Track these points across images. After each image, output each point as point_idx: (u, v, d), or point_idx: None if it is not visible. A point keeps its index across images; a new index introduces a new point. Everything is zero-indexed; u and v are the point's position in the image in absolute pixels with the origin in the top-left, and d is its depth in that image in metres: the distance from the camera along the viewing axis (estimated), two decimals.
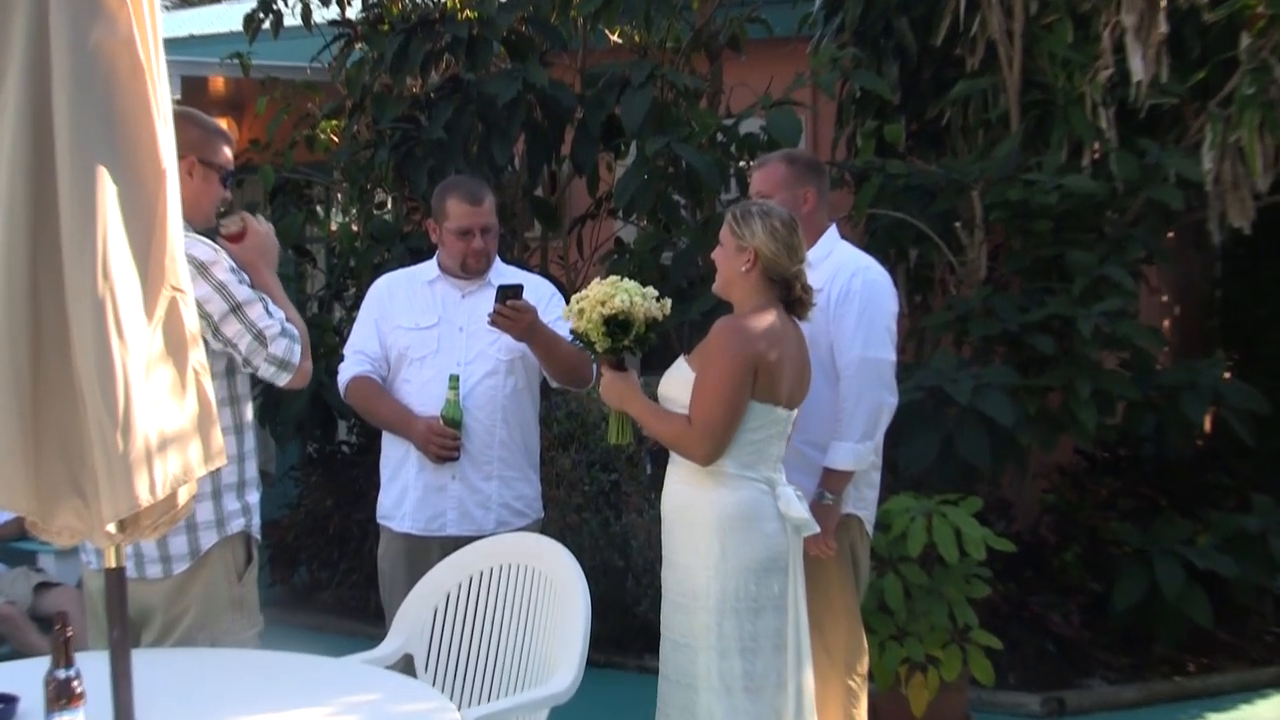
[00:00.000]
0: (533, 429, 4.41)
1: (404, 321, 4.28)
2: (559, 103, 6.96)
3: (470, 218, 4.27)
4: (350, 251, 7.31)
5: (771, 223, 3.53)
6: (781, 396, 3.51)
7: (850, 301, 3.97)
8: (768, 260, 3.52)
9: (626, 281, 3.58)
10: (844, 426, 3.94)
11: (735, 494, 3.48)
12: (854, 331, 3.95)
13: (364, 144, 7.31)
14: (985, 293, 6.22)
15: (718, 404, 3.42)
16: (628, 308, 3.50)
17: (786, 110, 6.41)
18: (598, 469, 6.47)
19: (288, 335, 3.45)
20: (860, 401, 3.93)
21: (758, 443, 3.49)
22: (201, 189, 3.48)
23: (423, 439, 4.14)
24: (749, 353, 3.43)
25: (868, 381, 3.95)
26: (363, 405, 4.33)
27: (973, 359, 6.22)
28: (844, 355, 3.95)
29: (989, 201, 6.24)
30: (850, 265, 4.07)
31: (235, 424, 3.48)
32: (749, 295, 3.56)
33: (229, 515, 3.43)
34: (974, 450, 5.62)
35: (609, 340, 3.55)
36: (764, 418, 3.49)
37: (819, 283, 4.00)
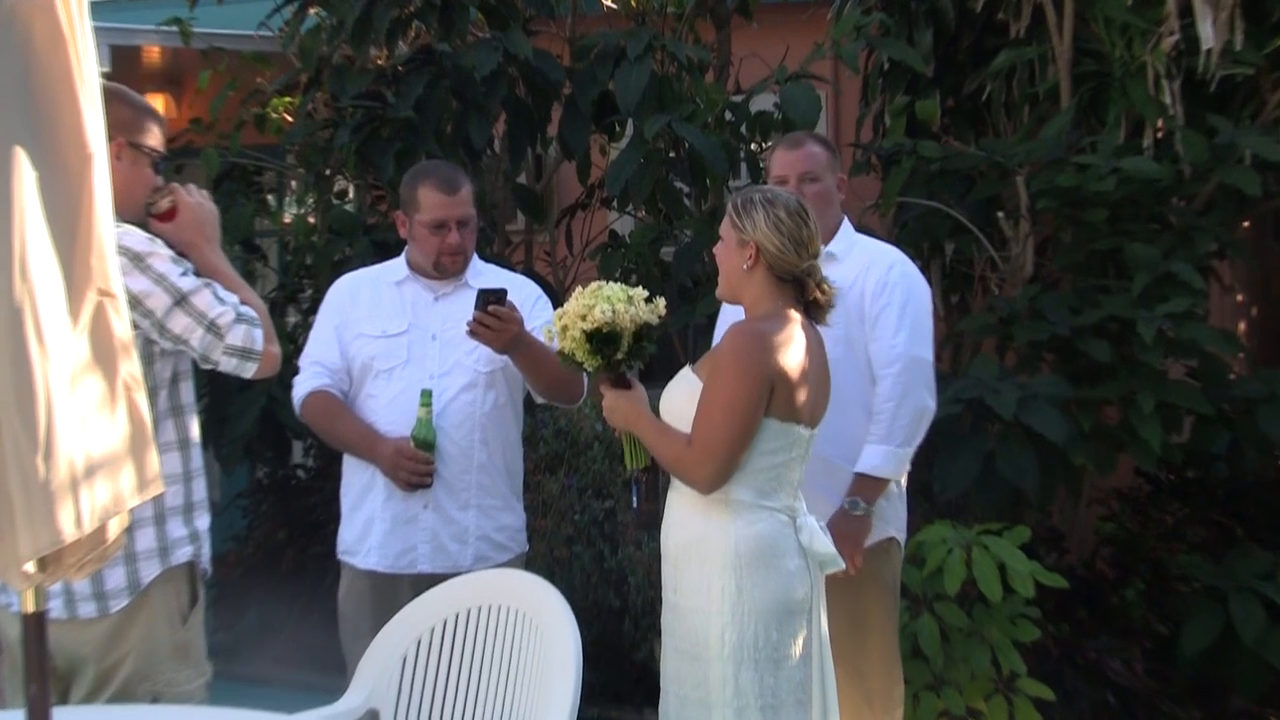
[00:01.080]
0: (516, 450, 4.40)
1: (368, 328, 4.28)
2: (545, 77, 6.96)
3: (445, 209, 4.27)
4: (307, 247, 7.31)
5: (775, 212, 3.51)
6: (803, 414, 3.49)
7: (890, 294, 4.14)
8: (772, 257, 3.50)
9: (608, 287, 3.56)
10: (883, 428, 4.08)
11: (753, 526, 3.45)
12: (897, 327, 4.12)
13: (321, 124, 7.31)
14: (1032, 292, 6.21)
15: (724, 422, 3.40)
16: (611, 319, 3.48)
17: (804, 85, 6.41)
18: (590, 495, 6.46)
19: (245, 320, 3.45)
20: (904, 403, 4.09)
21: (777, 467, 3.47)
22: (131, 176, 3.47)
23: (391, 463, 4.13)
24: (767, 365, 3.40)
25: (912, 382, 4.10)
26: (321, 424, 4.33)
27: (1018, 368, 6.20)
28: (885, 353, 4.12)
29: (1036, 188, 6.23)
30: (885, 256, 4.24)
31: (180, 438, 3.47)
32: (760, 297, 3.55)
33: (174, 543, 3.41)
34: (1020, 472, 5.60)
35: (598, 358, 3.54)
36: (783, 438, 3.46)
37: (848, 277, 4.06)
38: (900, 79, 7.18)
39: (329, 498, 5.32)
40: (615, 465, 6.57)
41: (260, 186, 8.11)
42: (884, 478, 4.09)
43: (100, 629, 3.34)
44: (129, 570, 3.36)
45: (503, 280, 4.36)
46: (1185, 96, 6.36)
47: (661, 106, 6.57)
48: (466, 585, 3.83)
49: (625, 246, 6.95)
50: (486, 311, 4.01)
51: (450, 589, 3.81)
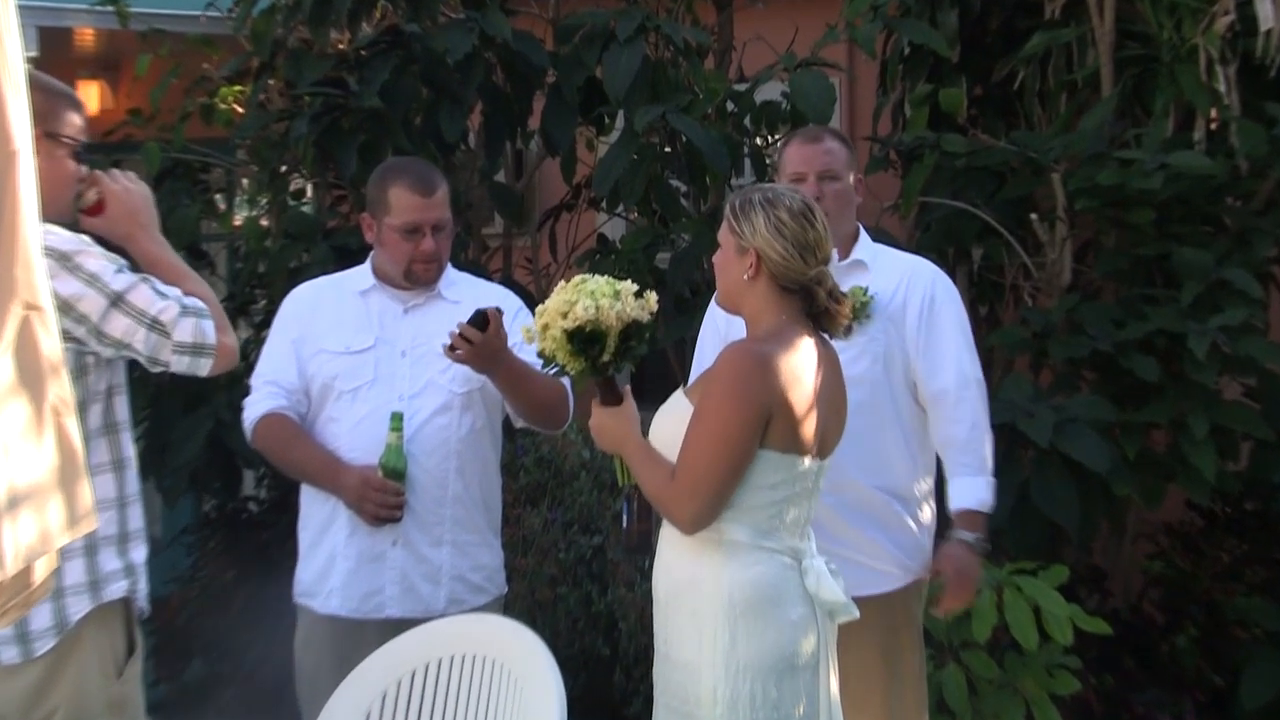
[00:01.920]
0: (494, 480, 4.41)
1: (330, 343, 4.29)
2: (526, 62, 6.96)
3: (419, 212, 4.29)
4: (259, 253, 7.30)
5: (776, 214, 3.48)
6: (807, 444, 3.45)
7: (941, 311, 4.22)
8: (774, 265, 3.47)
9: (592, 281, 3.53)
10: (976, 458, 4.18)
11: (749, 570, 3.42)
12: (956, 347, 4.20)
13: (276, 115, 7.30)
14: (1070, 302, 6.22)
15: (711, 454, 3.37)
16: (595, 316, 3.45)
17: (815, 73, 6.41)
18: (576, 530, 6.46)
19: (192, 313, 3.45)
20: (976, 428, 4.19)
21: (777, 503, 3.44)
22: (50, 170, 3.44)
23: (356, 495, 4.13)
24: (765, 391, 3.36)
25: (983, 405, 4.22)
26: (276, 451, 4.33)
27: (1054, 388, 6.21)
28: (944, 376, 4.18)
29: (1074, 186, 6.24)
30: (924, 267, 4.33)
31: (115, 458, 3.47)
32: (763, 310, 3.53)
33: (106, 577, 3.40)
34: (1057, 505, 5.61)
35: (581, 360, 3.51)
36: (784, 471, 3.43)
37: (885, 288, 4.10)
38: (922, 65, 7.20)
39: (285, 533, 5.31)
40: (604, 496, 6.56)
41: (207, 185, 8.08)
42: (985, 511, 4.19)
43: (24, 679, 3.32)
44: (55, 607, 3.34)
45: (479, 291, 4.37)
46: (1241, 83, 6.37)
47: (655, 96, 6.58)
48: (439, 632, 3.82)
49: (615, 252, 6.94)
50: (471, 326, 4.02)
51: (421, 636, 3.80)
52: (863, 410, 3.91)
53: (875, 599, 4.03)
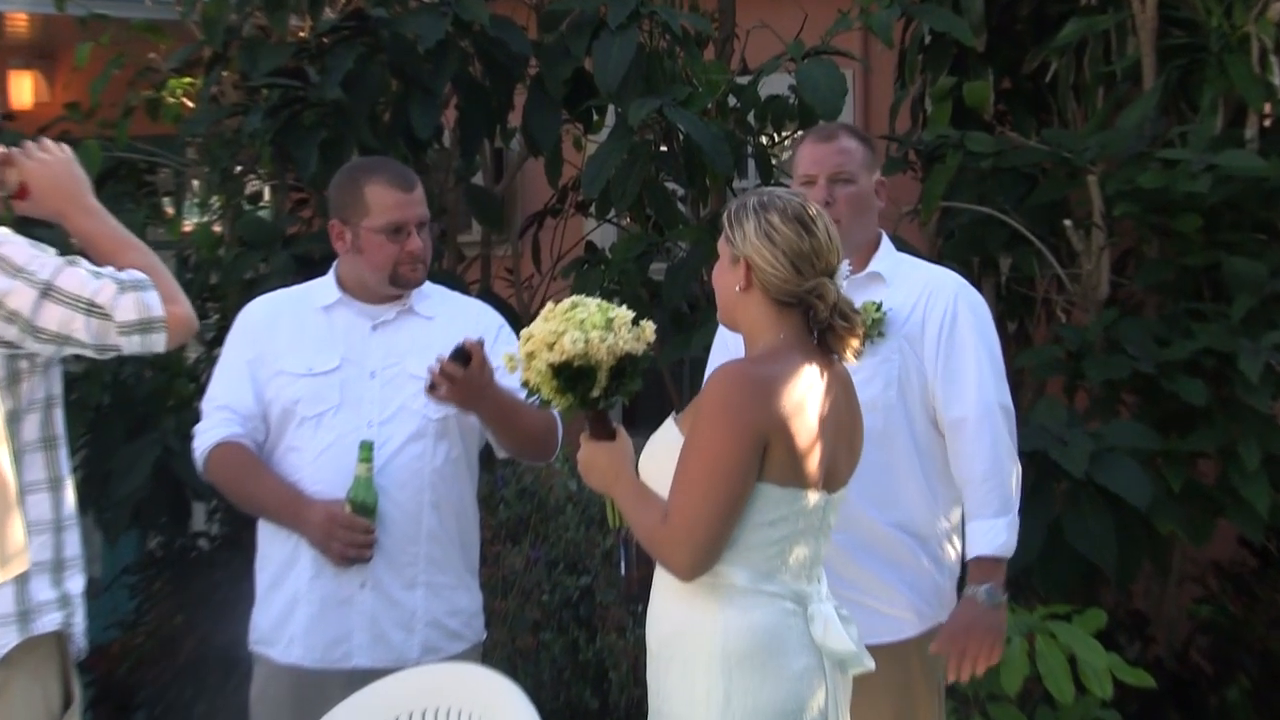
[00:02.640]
0: (471, 515, 4.42)
1: (291, 364, 4.30)
2: (505, 50, 6.95)
3: (403, 208, 4.33)
4: (211, 263, 7.28)
5: (768, 219, 3.44)
6: (811, 476, 3.43)
7: (962, 329, 4.18)
8: (764, 275, 3.44)
9: (584, 307, 3.51)
10: (998, 497, 4.12)
11: (746, 616, 3.40)
12: (979, 371, 4.15)
13: (229, 110, 7.30)
14: (1109, 318, 6.23)
15: (705, 491, 3.34)
16: (584, 350, 3.42)
17: (826, 63, 6.42)
18: (562, 570, 6.46)
19: (131, 287, 3.46)
20: (1007, 465, 4.15)
21: (779, 542, 3.41)
22: None
23: (322, 532, 4.14)
24: (758, 418, 3.34)
25: (1007, 437, 4.17)
26: (231, 483, 4.34)
27: (1090, 413, 6.22)
28: (964, 402, 4.15)
29: (1113, 189, 6.25)
30: (947, 281, 4.29)
31: (52, 476, 3.47)
32: (759, 327, 3.51)
33: (38, 608, 3.38)
34: (1093, 542, 5.61)
35: (568, 396, 3.49)
36: (785, 506, 3.41)
37: (902, 304, 4.08)
38: (944, 55, 7.18)
39: (239, 574, 5.29)
40: (593, 533, 6.56)
41: (153, 187, 8.08)
42: (1006, 556, 4.13)
43: None
44: None
45: (454, 307, 4.38)
46: None
47: (650, 89, 6.58)
48: (412, 683, 3.82)
49: (605, 262, 6.93)
50: (452, 362, 4.04)
51: (392, 688, 3.80)
52: (875, 439, 3.84)
53: (888, 647, 3.98)
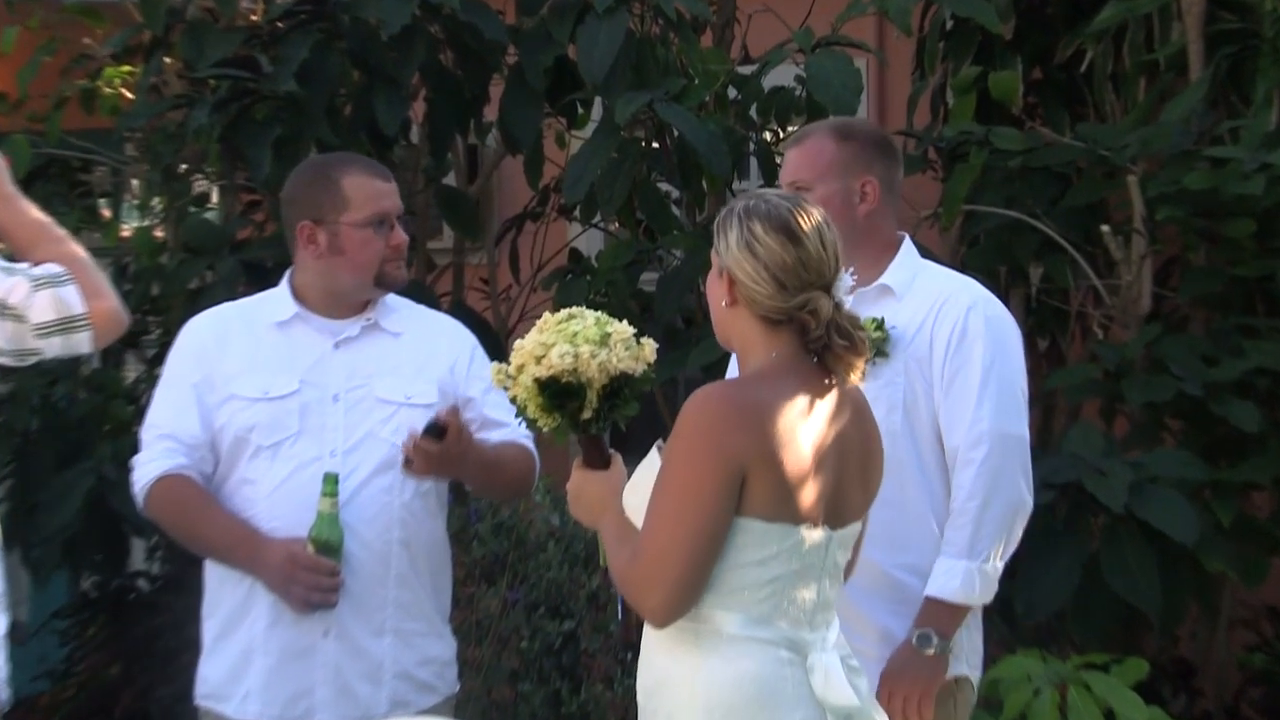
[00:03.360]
0: (443, 555, 4.43)
1: (244, 387, 4.29)
2: (480, 37, 6.94)
3: (386, 197, 4.38)
4: (152, 271, 7.28)
5: (751, 228, 3.42)
6: (806, 510, 3.40)
7: (969, 348, 4.13)
8: (745, 290, 3.43)
9: (578, 319, 3.51)
10: (965, 536, 4.07)
11: (732, 666, 3.38)
12: (980, 394, 4.11)
13: (172, 102, 7.30)
14: (1150, 334, 6.23)
15: (672, 528, 3.32)
16: (572, 365, 3.42)
17: (836, 53, 6.43)
18: (543, 614, 6.45)
19: (46, 283, 3.48)
20: (990, 500, 4.07)
21: (771, 583, 3.39)
22: None
23: (282, 575, 4.13)
24: (733, 445, 3.31)
25: (1003, 471, 4.09)
26: (176, 521, 4.34)
27: (1130, 439, 6.22)
28: (961, 429, 4.11)
29: (1155, 191, 6.26)
30: (960, 294, 4.23)
31: None
32: (750, 345, 3.50)
33: None
34: (1134, 583, 5.61)
35: (555, 416, 3.50)
36: (775, 543, 3.38)
37: (910, 321, 4.05)
38: (968, 43, 7.19)
39: (183, 618, 5.29)
40: (577, 571, 6.56)
41: (88, 188, 8.08)
42: (965, 604, 4.07)
43: None
44: None
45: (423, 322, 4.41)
46: None
47: (641, 81, 6.58)
48: None
49: (591, 272, 6.94)
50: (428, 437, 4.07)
51: None
52: None
53: None
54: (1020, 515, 4.14)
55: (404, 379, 4.35)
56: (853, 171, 4.27)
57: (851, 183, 4.26)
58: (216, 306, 4.63)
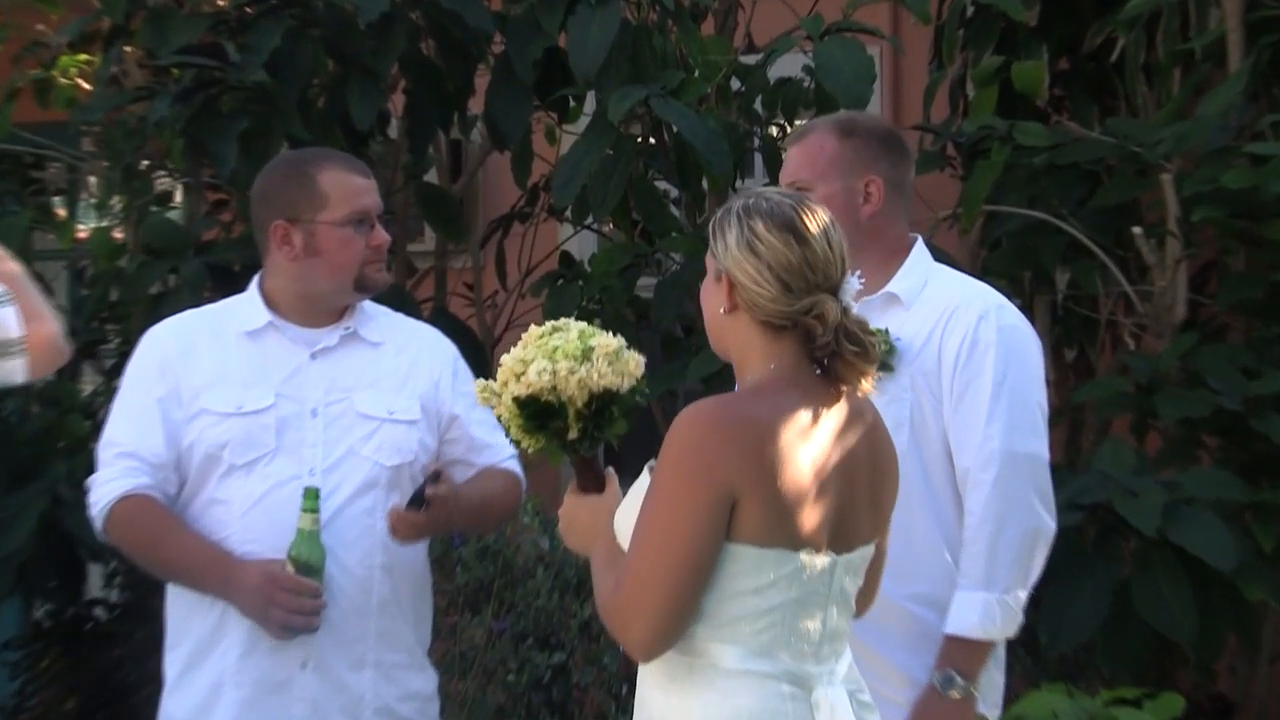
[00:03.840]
0: (424, 582, 4.44)
1: (215, 401, 4.28)
2: (463, 25, 6.95)
3: (367, 194, 4.39)
4: (111, 275, 7.28)
5: (752, 227, 3.40)
6: (807, 534, 3.36)
7: (980, 360, 4.09)
8: (746, 294, 3.40)
9: (561, 333, 3.50)
10: (980, 566, 4.03)
11: (729, 702, 3.35)
12: (990, 411, 4.06)
13: (133, 93, 7.30)
14: (1185, 344, 6.23)
15: (654, 554, 3.30)
16: (550, 382, 3.41)
17: (848, 41, 6.43)
18: (531, 645, 6.45)
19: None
20: (1006, 525, 4.03)
21: (770, 613, 3.36)
22: None
23: (261, 597, 4.11)
24: (721, 466, 3.28)
25: (1017, 493, 4.05)
26: (139, 544, 4.32)
27: (1164, 457, 6.22)
28: (971, 450, 4.07)
29: (1191, 190, 6.26)
30: (972, 301, 4.18)
31: None
32: (748, 355, 3.47)
33: None
34: (1168, 612, 5.60)
35: (539, 437, 3.49)
36: (773, 570, 3.35)
37: (917, 332, 4.02)
38: (990, 30, 7.21)
39: (144, 649, 5.30)
40: (568, 599, 6.55)
41: (42, 185, 8.09)
42: (986, 640, 4.04)
43: None
44: None
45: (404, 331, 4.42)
46: None
47: (637, 72, 6.59)
48: None
49: (584, 277, 6.96)
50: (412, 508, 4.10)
51: None
52: None
53: None
54: (1040, 541, 4.10)
55: (386, 393, 4.36)
56: (855, 170, 4.24)
57: (854, 182, 4.23)
58: (180, 314, 4.60)
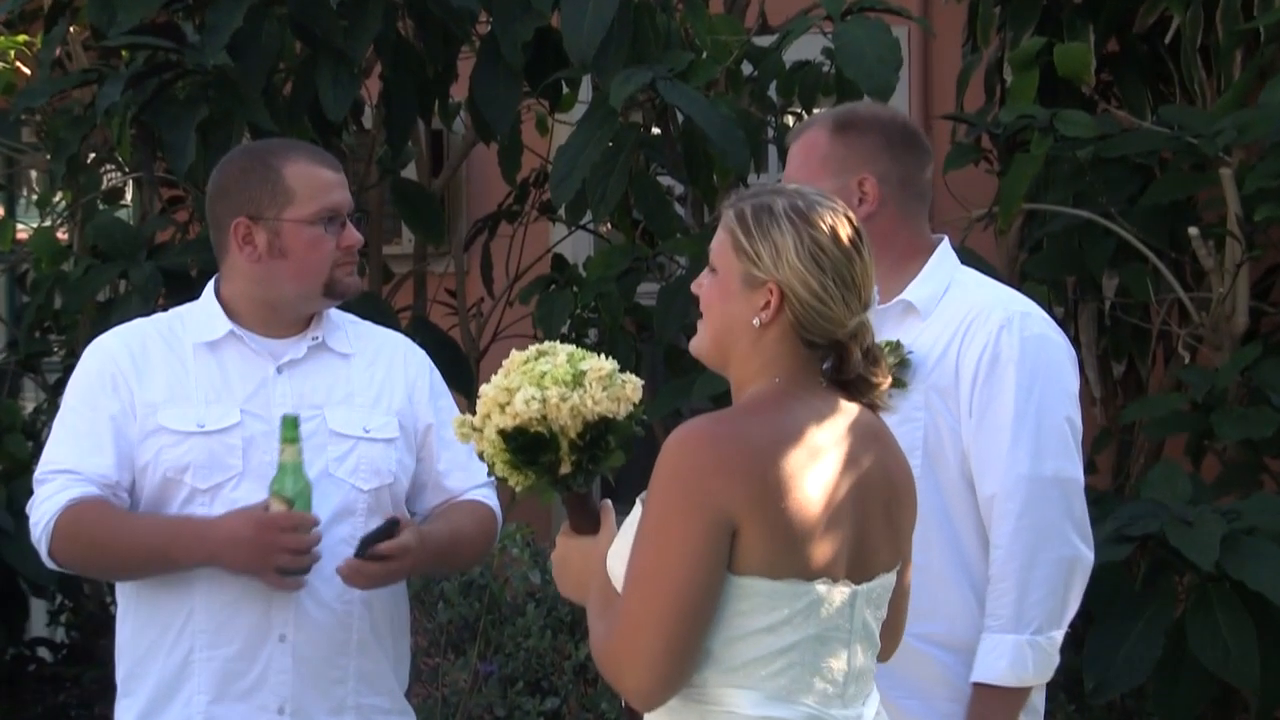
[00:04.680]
0: (403, 618, 4.48)
1: (173, 419, 4.30)
2: (445, 4, 6.95)
3: (337, 189, 4.40)
4: (54, 280, 7.30)
5: (813, 235, 3.40)
6: (821, 563, 3.37)
7: (1002, 375, 4.08)
8: (806, 309, 3.39)
9: (548, 357, 3.47)
10: (1009, 605, 4.02)
11: None
12: (1014, 431, 4.05)
13: (79, 77, 7.31)
14: (1247, 357, 6.25)
15: (647, 592, 3.30)
16: (540, 413, 3.39)
17: (871, 21, 6.44)
18: (522, 689, 6.47)
19: None
20: (1035, 560, 4.02)
21: (788, 652, 3.37)
22: None
23: (258, 547, 4.13)
24: (715, 492, 3.27)
25: (1045, 522, 4.03)
26: (93, 544, 4.30)
27: (1223, 482, 6.24)
28: (995, 476, 4.06)
29: (1253, 186, 6.28)
30: (993, 310, 4.16)
31: None
32: (766, 369, 3.46)
33: None
34: (1226, 654, 5.61)
35: (528, 472, 3.47)
36: (787, 605, 3.36)
37: (933, 343, 4.05)
38: (1030, 9, 7.19)
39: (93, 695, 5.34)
40: (561, 639, 6.56)
41: None
42: (1019, 687, 4.03)
43: None
44: None
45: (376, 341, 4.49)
46: None
47: (638, 54, 6.59)
48: None
49: (578, 282, 6.98)
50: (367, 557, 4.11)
51: None
52: None
53: None
54: (1076, 574, 4.08)
55: (360, 409, 4.38)
56: (847, 168, 4.23)
57: (847, 181, 4.20)
58: (129, 323, 4.61)
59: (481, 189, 8.42)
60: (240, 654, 4.24)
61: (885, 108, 4.82)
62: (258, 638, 4.24)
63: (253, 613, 4.23)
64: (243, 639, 4.23)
